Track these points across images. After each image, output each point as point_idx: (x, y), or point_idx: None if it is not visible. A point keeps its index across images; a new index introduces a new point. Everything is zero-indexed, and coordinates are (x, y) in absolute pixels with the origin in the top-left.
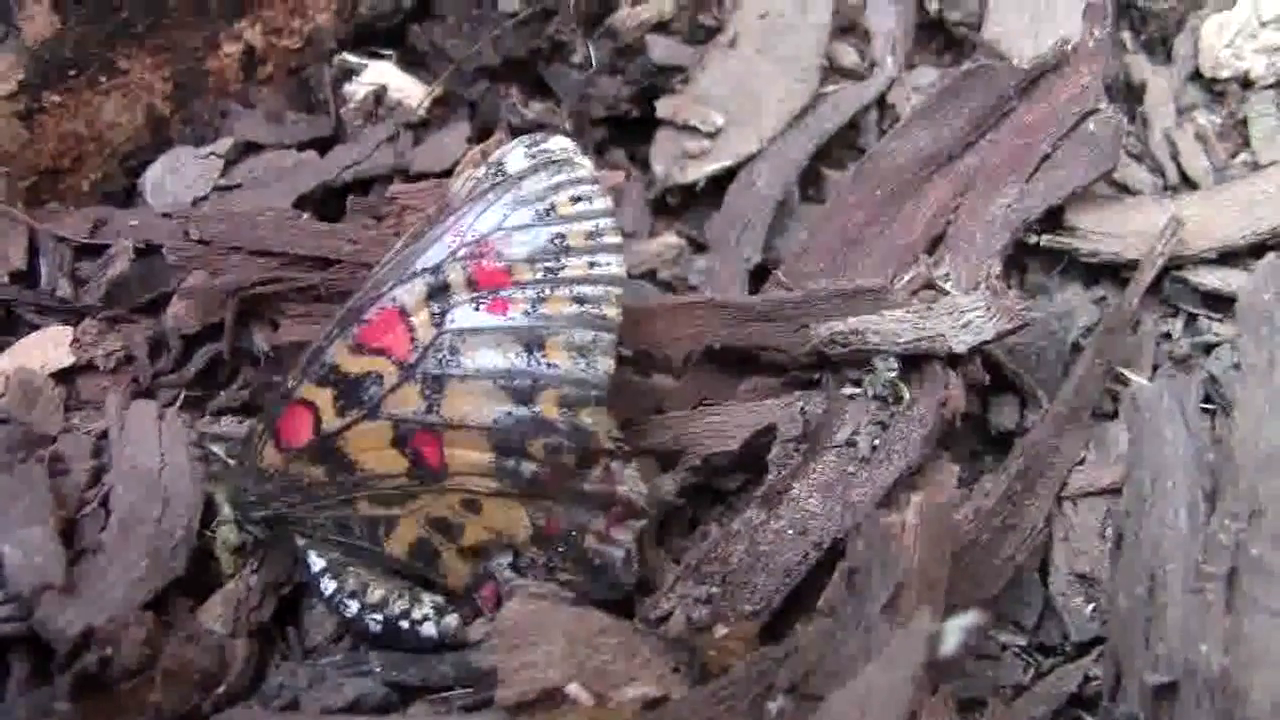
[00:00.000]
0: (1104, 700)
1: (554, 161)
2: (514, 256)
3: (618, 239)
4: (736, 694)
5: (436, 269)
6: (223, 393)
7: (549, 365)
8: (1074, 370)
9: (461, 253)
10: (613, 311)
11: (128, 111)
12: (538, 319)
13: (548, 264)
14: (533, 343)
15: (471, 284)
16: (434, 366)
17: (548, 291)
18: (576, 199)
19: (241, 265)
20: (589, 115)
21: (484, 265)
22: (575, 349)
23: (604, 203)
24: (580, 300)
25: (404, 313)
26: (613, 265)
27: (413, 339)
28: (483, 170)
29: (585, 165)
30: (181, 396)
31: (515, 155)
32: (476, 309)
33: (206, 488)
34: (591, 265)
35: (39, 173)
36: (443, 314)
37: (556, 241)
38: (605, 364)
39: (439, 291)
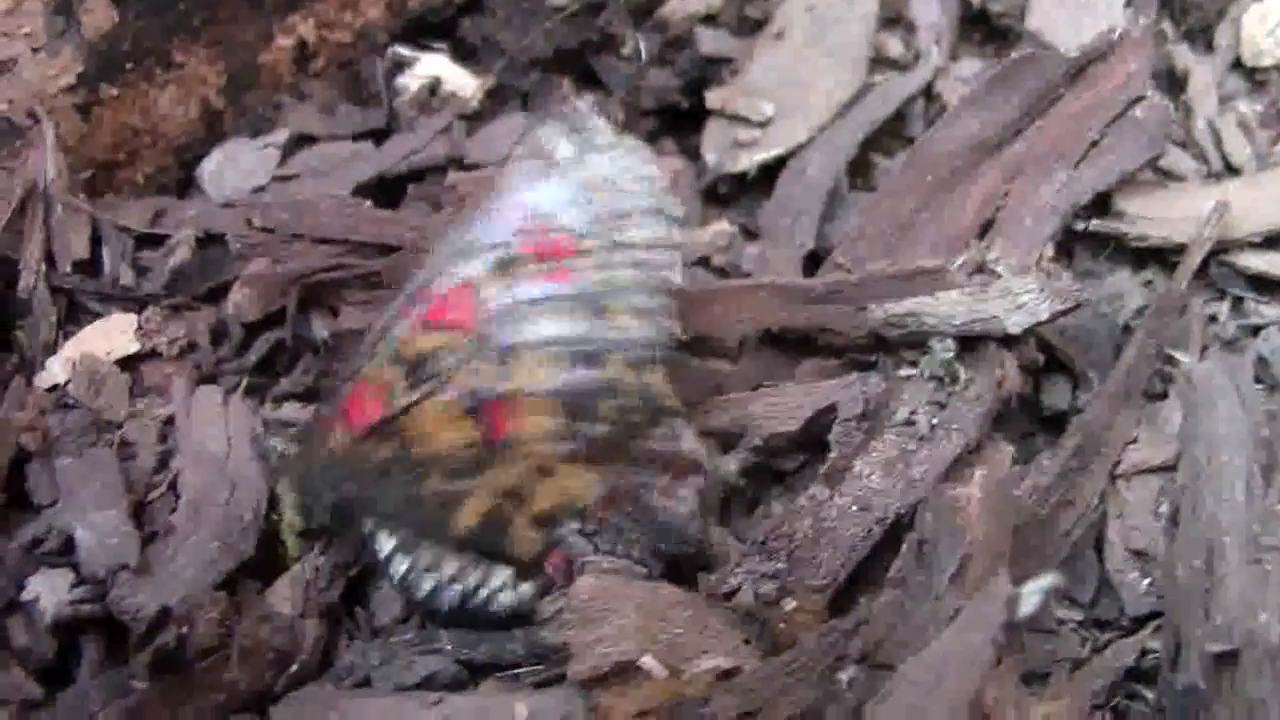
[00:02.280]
0: (1164, 671)
1: (607, 142)
2: (576, 229)
3: (676, 211)
4: (808, 665)
5: (502, 245)
6: (284, 380)
7: (615, 329)
8: (1126, 351)
9: (526, 227)
10: (674, 276)
11: (182, 104)
12: (602, 285)
13: (609, 235)
14: (598, 309)
15: (537, 256)
16: (505, 337)
17: (610, 259)
18: (637, 176)
19: (304, 252)
20: (640, 106)
21: (547, 238)
22: (639, 312)
23: (661, 177)
24: (641, 265)
25: (471, 287)
26: (674, 234)
27: (482, 312)
28: (531, 159)
29: (640, 145)
30: (244, 384)
31: (563, 142)
32: (543, 280)
33: (270, 482)
34: (653, 235)
35: (95, 165)
36: (510, 286)
37: (618, 214)
38: (668, 326)
39: (505, 265)
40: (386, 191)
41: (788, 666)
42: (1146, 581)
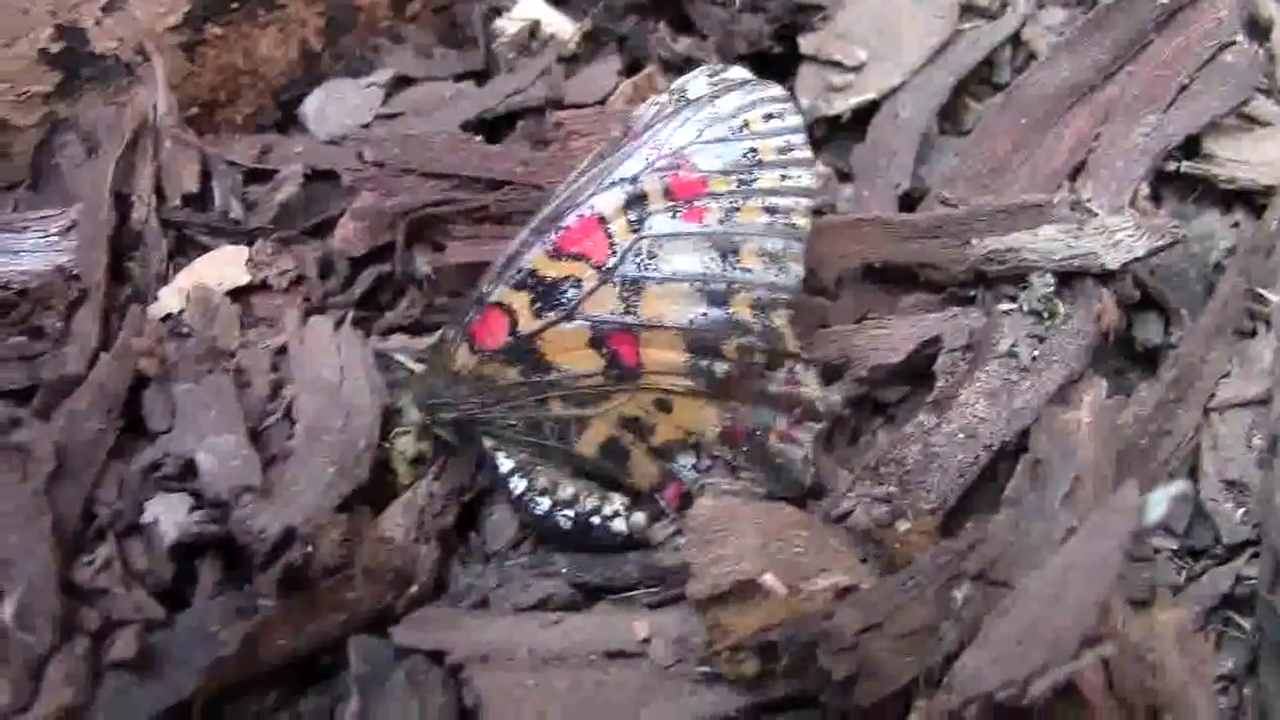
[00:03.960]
0: (1262, 593)
1: (743, 83)
2: (709, 168)
3: (808, 154)
4: (924, 582)
5: (634, 179)
6: (389, 313)
7: (743, 270)
8: (1218, 289)
9: (659, 164)
10: (803, 221)
11: (283, 46)
12: (732, 226)
13: (741, 176)
14: (728, 249)
15: (669, 193)
16: (632, 270)
17: (741, 201)
18: (769, 116)
19: (414, 186)
20: (733, 51)
21: (681, 176)
22: (768, 255)
23: (795, 120)
24: (772, 210)
25: (603, 220)
26: (804, 178)
27: (611, 244)
28: (665, 96)
29: (775, 86)
30: (350, 316)
31: (698, 83)
32: (674, 216)
33: (395, 394)
34: (783, 178)
35: (198, 104)
36: (640, 221)
37: (750, 155)
38: (796, 270)
39: (637, 200)
40: (486, 131)
41: (905, 583)
42: (1241, 511)
